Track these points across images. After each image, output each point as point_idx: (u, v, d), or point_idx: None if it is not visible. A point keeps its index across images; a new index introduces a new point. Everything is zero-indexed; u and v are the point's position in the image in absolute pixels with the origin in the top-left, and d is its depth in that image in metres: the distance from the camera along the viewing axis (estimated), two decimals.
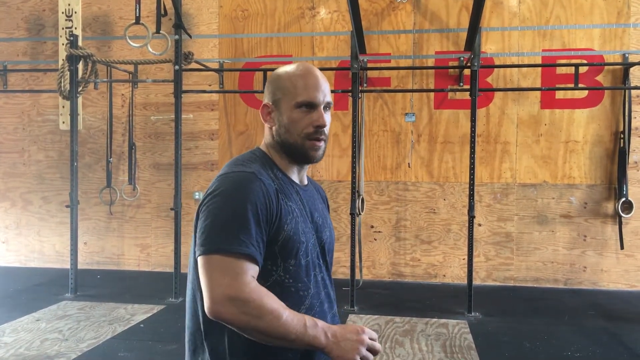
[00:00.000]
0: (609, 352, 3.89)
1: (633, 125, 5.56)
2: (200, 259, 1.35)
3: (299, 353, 1.43)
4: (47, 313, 4.67)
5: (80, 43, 5.42)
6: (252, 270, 1.35)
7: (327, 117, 1.53)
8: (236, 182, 1.40)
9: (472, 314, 4.70)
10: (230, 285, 1.30)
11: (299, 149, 1.51)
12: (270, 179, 1.46)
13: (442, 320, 4.55)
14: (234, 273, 1.32)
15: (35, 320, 4.47)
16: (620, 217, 5.54)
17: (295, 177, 1.57)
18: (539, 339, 4.13)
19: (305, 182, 1.64)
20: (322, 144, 1.53)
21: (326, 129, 1.53)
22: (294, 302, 1.44)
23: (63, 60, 5.40)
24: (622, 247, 5.55)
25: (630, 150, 5.55)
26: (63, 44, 5.60)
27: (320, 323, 1.37)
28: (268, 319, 1.30)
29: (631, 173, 5.58)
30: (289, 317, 1.33)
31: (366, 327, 1.43)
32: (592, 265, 5.69)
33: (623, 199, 5.51)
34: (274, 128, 1.54)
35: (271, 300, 1.33)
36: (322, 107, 1.51)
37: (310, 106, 1.50)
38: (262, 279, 1.40)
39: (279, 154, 1.55)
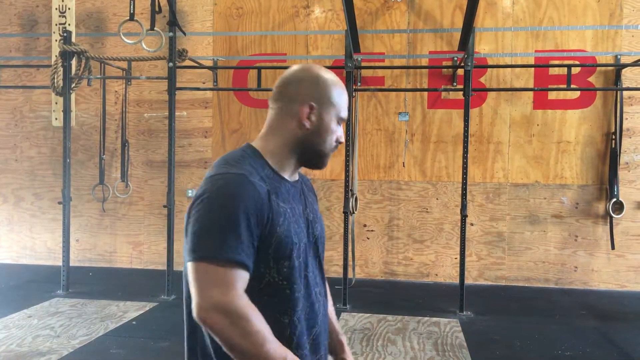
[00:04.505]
0: (599, 351, 3.93)
1: (624, 126, 5.60)
2: (190, 265, 1.31)
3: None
4: (38, 310, 4.66)
5: (73, 39, 5.40)
6: (242, 279, 1.32)
7: None
8: (226, 186, 1.35)
9: (464, 312, 4.73)
10: (222, 295, 1.27)
11: (322, 157, 1.53)
12: (262, 180, 1.41)
13: (434, 319, 4.57)
14: (226, 282, 1.28)
15: (27, 316, 4.46)
16: (611, 217, 5.58)
17: (287, 175, 1.52)
18: (529, 337, 4.16)
19: (296, 177, 1.59)
20: None
21: None
22: (289, 304, 1.41)
23: (56, 56, 5.37)
24: (612, 247, 5.59)
25: (621, 151, 5.59)
26: (56, 40, 5.58)
27: None
28: (252, 340, 1.27)
29: (622, 174, 5.62)
30: (272, 347, 1.29)
31: None
32: (583, 265, 5.73)
33: (614, 200, 5.55)
34: (305, 129, 1.48)
35: (259, 322, 1.30)
36: None
37: (342, 122, 1.54)
38: (255, 281, 1.36)
39: (282, 152, 1.49)
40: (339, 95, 1.50)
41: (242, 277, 1.31)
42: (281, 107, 1.49)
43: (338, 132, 1.51)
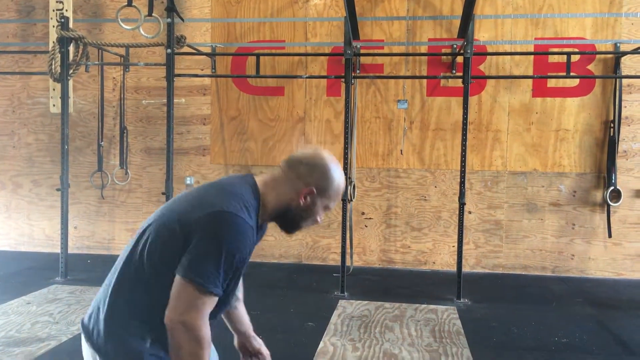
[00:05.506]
0: (595, 338, 3.95)
1: (623, 114, 5.60)
2: (180, 279, 1.56)
3: None
4: (37, 296, 4.67)
5: (71, 25, 5.37)
6: (212, 306, 1.60)
7: None
8: (237, 231, 1.59)
9: (461, 300, 4.75)
10: (193, 317, 1.55)
11: (297, 228, 1.83)
12: (253, 230, 1.67)
13: (432, 306, 4.59)
14: (201, 308, 1.56)
15: (25, 303, 4.47)
16: (608, 205, 5.60)
17: (261, 221, 1.77)
18: (526, 325, 4.18)
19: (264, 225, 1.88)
20: None
21: None
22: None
23: (54, 42, 5.34)
24: (610, 236, 5.61)
25: (620, 139, 5.59)
26: (54, 26, 5.54)
27: None
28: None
29: (620, 162, 5.63)
30: None
31: None
32: (580, 253, 5.75)
33: (612, 188, 5.56)
34: (298, 204, 1.75)
35: (207, 350, 1.59)
36: None
37: (326, 210, 1.83)
38: None
39: (273, 207, 1.75)
40: (336, 192, 1.78)
41: (213, 305, 1.60)
42: (290, 177, 1.75)
43: (320, 216, 1.81)
